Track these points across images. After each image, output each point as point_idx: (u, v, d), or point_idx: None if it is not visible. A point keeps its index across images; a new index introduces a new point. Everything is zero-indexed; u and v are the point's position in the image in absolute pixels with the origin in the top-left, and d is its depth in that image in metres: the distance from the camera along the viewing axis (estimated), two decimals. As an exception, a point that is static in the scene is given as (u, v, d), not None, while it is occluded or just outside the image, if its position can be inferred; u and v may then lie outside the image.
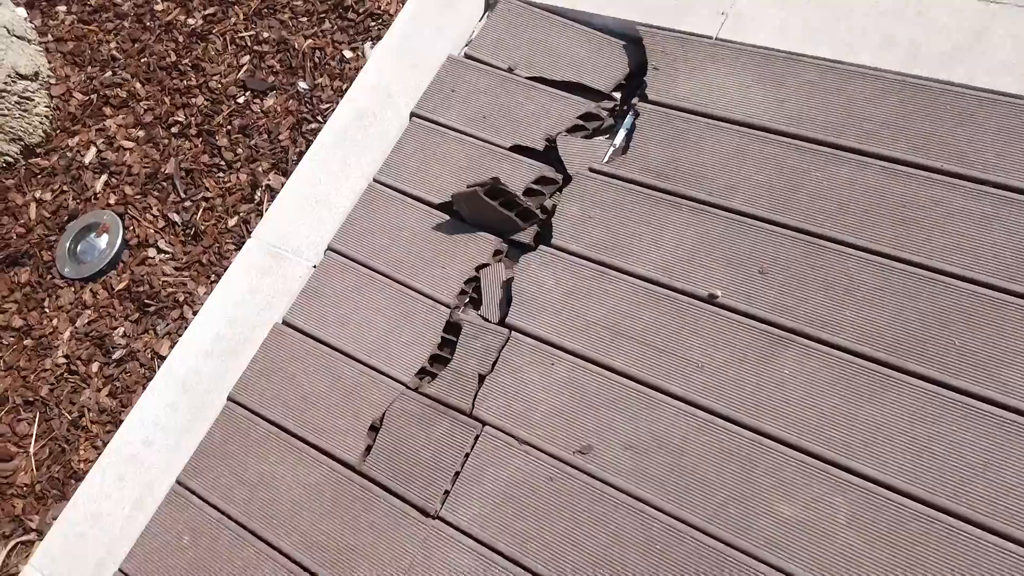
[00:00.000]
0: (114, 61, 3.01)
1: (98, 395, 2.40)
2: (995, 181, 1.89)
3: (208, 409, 2.22)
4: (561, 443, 1.93)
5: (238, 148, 2.68)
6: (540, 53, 2.46)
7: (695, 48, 2.28)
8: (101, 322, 2.51)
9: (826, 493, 1.72)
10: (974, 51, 2.02)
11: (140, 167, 2.75)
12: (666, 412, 1.89)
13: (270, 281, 2.35)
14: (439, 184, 2.36)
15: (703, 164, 2.14)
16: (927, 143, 1.98)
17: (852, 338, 1.85)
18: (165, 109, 2.84)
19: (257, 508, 2.07)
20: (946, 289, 1.83)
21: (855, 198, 1.98)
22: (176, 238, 2.59)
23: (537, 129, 2.35)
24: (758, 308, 1.93)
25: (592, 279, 2.09)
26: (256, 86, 2.78)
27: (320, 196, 2.43)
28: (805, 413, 1.80)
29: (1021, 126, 1.92)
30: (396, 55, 2.59)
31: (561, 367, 2.01)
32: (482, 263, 2.22)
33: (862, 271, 1.91)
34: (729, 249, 2.02)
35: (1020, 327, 1.76)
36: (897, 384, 1.78)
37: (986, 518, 1.62)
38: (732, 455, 1.81)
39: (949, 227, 1.88)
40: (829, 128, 2.08)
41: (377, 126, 2.49)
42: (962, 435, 1.70)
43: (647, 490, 1.83)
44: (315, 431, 2.12)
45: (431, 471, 1.99)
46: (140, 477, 2.19)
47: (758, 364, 1.88)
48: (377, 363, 2.16)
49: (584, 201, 2.20)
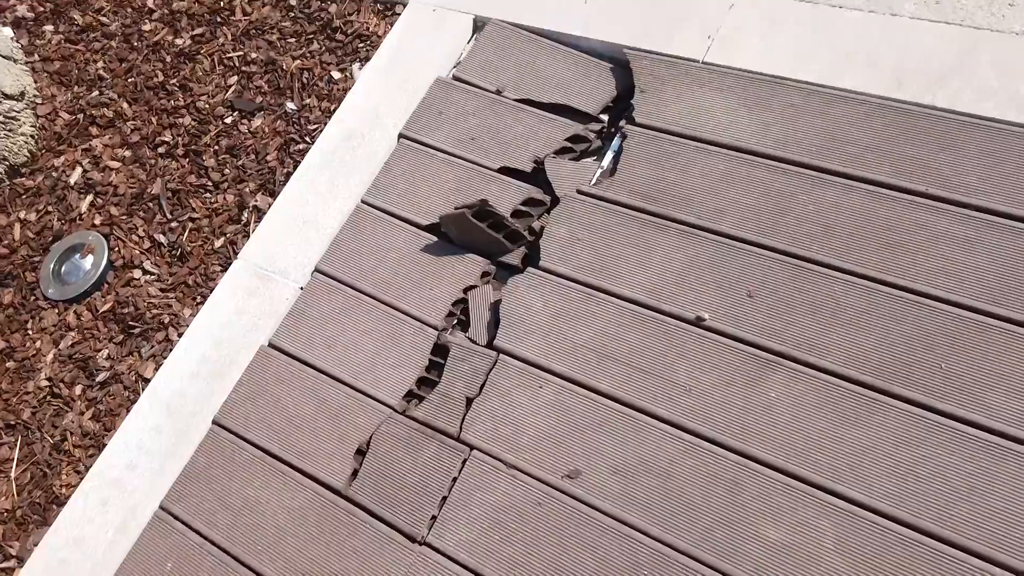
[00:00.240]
0: (101, 81, 3.00)
1: (81, 418, 2.38)
2: (978, 205, 1.91)
3: (193, 432, 2.20)
4: (549, 467, 1.92)
5: (225, 168, 2.68)
6: (528, 75, 2.48)
7: (682, 71, 2.29)
8: (85, 344, 2.49)
9: (813, 517, 1.72)
10: (957, 76, 2.04)
11: (126, 187, 2.74)
12: (653, 435, 1.89)
13: (256, 303, 2.33)
14: (427, 205, 2.36)
15: (690, 187, 2.15)
16: (911, 167, 1.99)
17: (839, 361, 1.85)
18: (152, 129, 2.83)
19: (241, 533, 2.05)
20: (931, 312, 1.84)
21: (841, 221, 1.99)
22: (162, 259, 2.58)
23: (525, 151, 2.36)
24: (745, 331, 1.94)
25: (579, 301, 2.09)
26: (244, 106, 2.78)
27: (307, 217, 2.43)
28: (792, 437, 1.81)
29: (1003, 150, 1.94)
30: (384, 76, 2.60)
31: (549, 390, 2.00)
32: (470, 285, 2.22)
33: (848, 294, 1.91)
34: (717, 272, 2.02)
35: (1004, 350, 1.77)
36: (883, 407, 1.78)
37: (971, 542, 1.62)
38: (719, 479, 1.81)
39: (934, 250, 1.90)
40: (814, 151, 2.09)
41: (365, 147, 2.49)
42: (947, 459, 1.71)
43: (634, 514, 1.82)
44: (300, 455, 2.11)
45: (418, 496, 1.97)
46: (123, 502, 2.16)
47: (745, 387, 1.88)
48: (364, 386, 2.15)
49: (572, 223, 2.20)
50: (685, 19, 2.36)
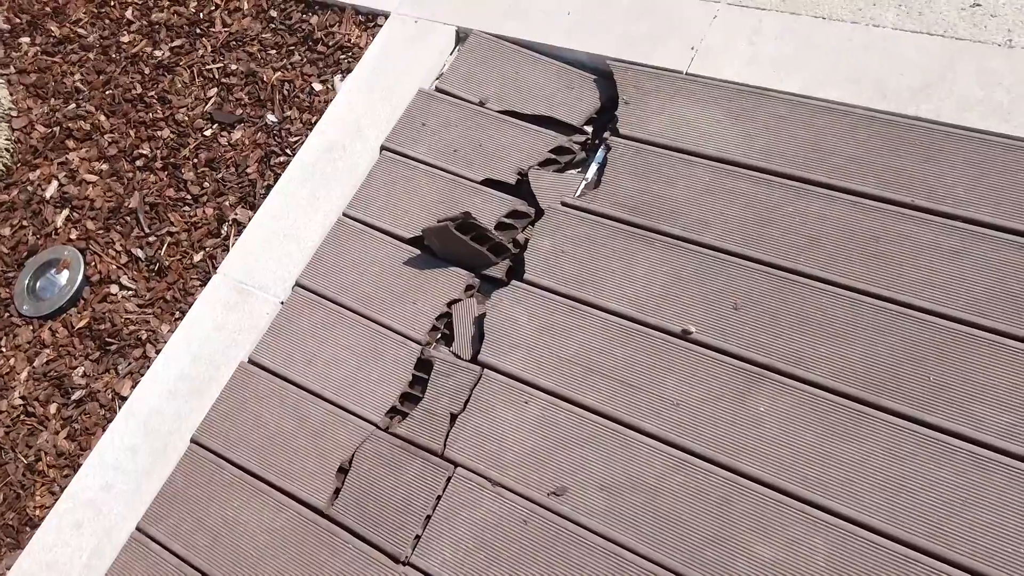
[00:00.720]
0: (78, 93, 2.95)
1: (56, 438, 2.32)
2: (964, 216, 1.90)
3: (170, 451, 2.15)
4: (535, 484, 1.88)
5: (204, 182, 2.64)
6: (511, 87, 2.45)
7: (665, 83, 2.28)
8: (60, 361, 2.44)
9: (804, 534, 1.70)
10: (941, 86, 2.04)
11: (103, 201, 2.69)
12: (641, 451, 1.86)
13: (236, 318, 2.29)
14: (409, 218, 2.33)
15: (675, 199, 2.13)
16: (896, 178, 1.99)
17: (826, 374, 1.83)
18: (130, 142, 2.78)
19: (220, 555, 2.00)
20: (918, 324, 1.83)
21: (826, 233, 1.98)
22: (139, 274, 2.53)
23: (508, 163, 2.33)
24: (732, 344, 1.92)
25: (565, 315, 2.06)
26: (224, 119, 2.74)
27: (288, 230, 2.39)
28: (781, 451, 1.78)
29: (988, 161, 1.94)
30: (366, 88, 2.57)
31: (534, 405, 1.97)
32: (454, 298, 2.18)
33: (834, 306, 1.90)
34: (702, 284, 2.00)
35: (992, 362, 1.75)
36: (871, 420, 1.76)
37: (962, 557, 1.60)
38: (708, 495, 1.78)
39: (920, 262, 1.89)
40: (799, 163, 2.08)
41: (347, 159, 2.46)
42: (937, 472, 1.69)
43: (622, 532, 1.79)
44: (281, 474, 2.06)
45: (401, 515, 1.93)
46: (98, 524, 2.11)
47: (733, 401, 1.85)
48: (346, 402, 2.11)
49: (556, 235, 2.18)
50: (668, 30, 2.35)
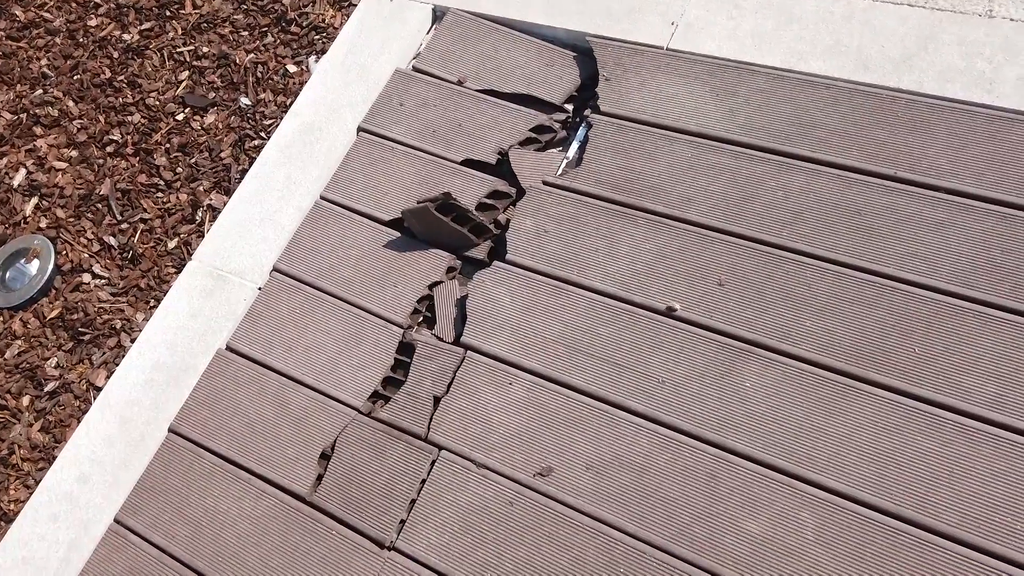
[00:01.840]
0: (45, 79, 2.88)
1: (29, 430, 2.26)
2: (949, 187, 1.89)
3: (148, 442, 2.11)
4: (520, 465, 1.86)
5: (177, 167, 2.58)
6: (490, 65, 2.41)
7: (646, 59, 2.25)
8: (32, 353, 2.38)
9: (792, 508, 1.68)
10: (922, 57, 2.03)
11: (73, 188, 2.62)
12: (627, 430, 1.84)
13: (213, 304, 2.24)
14: (389, 200, 2.29)
15: (658, 175, 2.11)
16: (880, 150, 1.97)
17: (812, 349, 1.82)
18: (100, 128, 2.72)
19: (201, 545, 1.96)
20: (904, 297, 1.82)
21: (810, 207, 1.96)
22: (112, 262, 2.47)
23: (489, 142, 2.29)
24: (718, 320, 1.90)
25: (548, 295, 2.04)
26: (196, 102, 2.68)
27: (264, 215, 2.34)
28: (768, 427, 1.77)
29: (971, 132, 1.93)
30: (342, 69, 2.52)
31: (519, 386, 1.94)
32: (435, 281, 2.15)
33: (820, 280, 1.88)
34: (686, 261, 1.98)
35: (978, 333, 1.74)
36: (859, 394, 1.75)
37: (954, 529, 1.60)
38: (695, 472, 1.76)
39: (905, 234, 1.87)
40: (782, 137, 2.06)
41: (323, 142, 2.41)
42: (926, 444, 1.68)
43: (609, 511, 1.77)
44: (262, 461, 2.02)
45: (386, 500, 1.90)
46: (75, 516, 2.06)
47: (719, 378, 1.84)
48: (327, 388, 2.07)
49: (538, 215, 2.14)
50: (648, 6, 2.32)
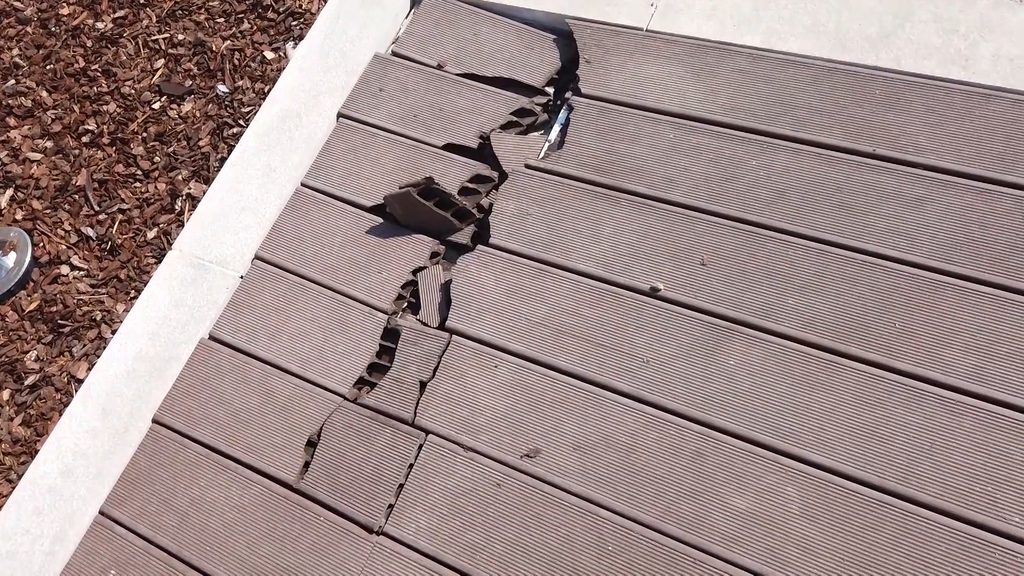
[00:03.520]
0: (17, 69, 2.83)
1: (10, 424, 2.23)
2: (927, 164, 1.91)
3: (132, 433, 2.09)
4: (508, 448, 1.86)
5: (155, 156, 2.55)
6: (470, 49, 2.40)
7: (626, 40, 2.25)
8: (11, 346, 2.34)
9: (778, 484, 1.70)
10: (899, 35, 2.04)
11: (49, 180, 2.59)
12: (614, 410, 1.84)
13: (194, 294, 2.22)
14: (370, 186, 2.28)
15: (640, 157, 2.11)
16: (859, 128, 1.98)
17: (795, 326, 1.83)
18: (74, 118, 2.68)
19: (189, 535, 1.95)
20: (885, 272, 1.84)
21: (792, 185, 1.97)
22: (91, 253, 2.44)
23: (470, 127, 2.29)
24: (701, 300, 1.91)
25: (532, 277, 2.03)
26: (172, 91, 2.64)
27: (245, 203, 2.32)
28: (753, 404, 1.78)
29: (948, 108, 1.94)
30: (320, 54, 2.50)
31: (505, 369, 1.94)
32: (419, 266, 2.14)
33: (802, 258, 1.90)
34: (670, 242, 1.99)
35: (957, 307, 1.77)
36: (841, 369, 1.77)
37: (936, 500, 1.62)
38: (682, 450, 1.78)
39: (885, 211, 1.89)
40: (763, 116, 2.07)
41: (303, 128, 2.39)
42: (907, 417, 1.70)
43: (597, 491, 1.78)
44: (248, 450, 2.01)
45: (373, 485, 1.90)
46: (60, 509, 2.04)
47: (704, 357, 1.85)
48: (312, 375, 2.06)
49: (521, 198, 2.14)
50: (627, -13, 2.31)
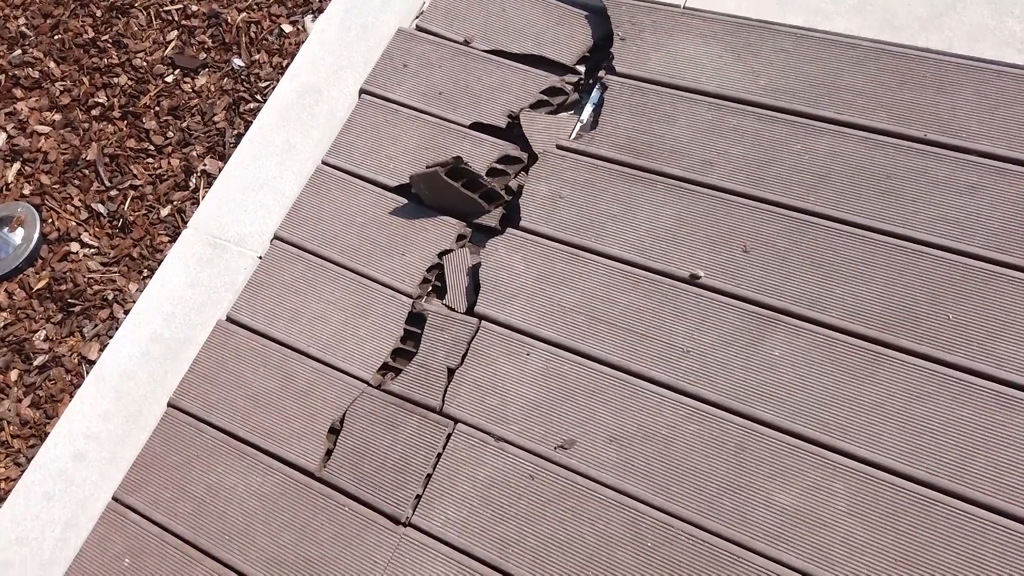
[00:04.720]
0: (24, 39, 2.73)
1: (19, 406, 2.16)
2: (979, 150, 1.84)
3: (146, 417, 2.02)
4: (540, 438, 1.80)
5: (168, 131, 2.46)
6: (498, 24, 2.32)
7: (663, 17, 2.17)
8: (19, 325, 2.27)
9: (824, 479, 1.64)
10: (951, 16, 1.96)
11: (57, 154, 2.50)
12: (651, 401, 1.78)
13: (211, 274, 2.14)
14: (394, 165, 2.20)
15: (677, 139, 2.03)
16: (908, 112, 1.91)
17: (841, 316, 1.77)
18: (84, 90, 2.59)
19: (206, 523, 1.88)
20: (934, 262, 1.77)
21: (836, 170, 1.90)
22: (101, 230, 2.36)
23: (498, 105, 2.21)
24: (743, 288, 1.84)
25: (565, 262, 1.96)
26: (186, 64, 2.55)
27: (264, 181, 2.24)
28: (797, 396, 1.72)
29: (1001, 93, 1.87)
30: (340, 28, 2.41)
31: (536, 357, 1.88)
32: (445, 249, 2.07)
33: (847, 246, 1.83)
34: (709, 227, 1.92)
35: (1011, 299, 1.70)
36: (890, 362, 1.71)
37: (988, 497, 1.56)
38: (723, 443, 1.71)
39: (934, 198, 1.82)
40: (806, 98, 1.99)
41: (323, 104, 2.31)
42: (959, 412, 1.64)
43: (635, 484, 1.72)
44: (267, 436, 1.94)
45: (400, 475, 1.83)
46: (71, 495, 1.97)
47: (746, 347, 1.78)
48: (334, 360, 1.99)
49: (552, 180, 2.06)
50: (663, -38, 2.23)
